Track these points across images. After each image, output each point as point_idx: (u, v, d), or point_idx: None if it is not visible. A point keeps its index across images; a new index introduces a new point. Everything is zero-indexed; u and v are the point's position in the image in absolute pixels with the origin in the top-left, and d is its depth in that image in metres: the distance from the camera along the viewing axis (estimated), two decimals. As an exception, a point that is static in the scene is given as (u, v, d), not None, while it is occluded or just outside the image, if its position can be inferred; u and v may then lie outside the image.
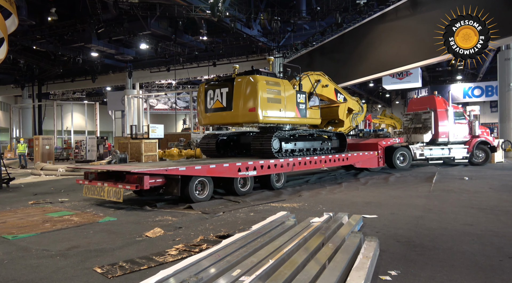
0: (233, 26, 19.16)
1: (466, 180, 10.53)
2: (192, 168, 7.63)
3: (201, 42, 25.01)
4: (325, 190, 9.32)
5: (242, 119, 9.15)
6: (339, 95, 12.90)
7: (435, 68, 35.99)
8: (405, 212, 6.41)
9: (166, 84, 38.67)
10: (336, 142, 12.01)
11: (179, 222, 6.04)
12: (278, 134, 9.71)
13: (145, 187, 7.05)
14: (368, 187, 9.69)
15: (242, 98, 9.04)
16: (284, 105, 9.62)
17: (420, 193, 8.57)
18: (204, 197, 7.92)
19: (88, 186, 7.96)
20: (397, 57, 17.44)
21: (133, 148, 16.48)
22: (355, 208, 6.86)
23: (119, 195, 7.23)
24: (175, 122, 41.45)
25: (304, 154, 10.59)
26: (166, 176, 7.56)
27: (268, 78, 9.37)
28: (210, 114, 9.76)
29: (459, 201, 7.44)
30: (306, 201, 7.70)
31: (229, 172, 8.33)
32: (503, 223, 5.55)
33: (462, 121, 15.18)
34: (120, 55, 27.31)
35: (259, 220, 5.60)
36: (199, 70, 30.59)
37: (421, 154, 14.64)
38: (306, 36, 24.26)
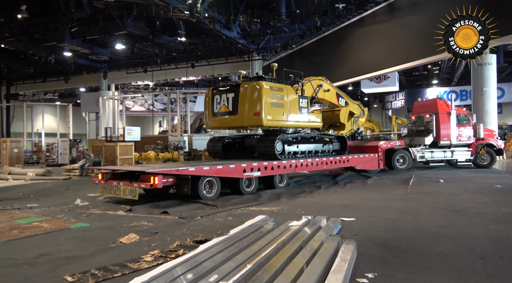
0: (212, 27, 19.12)
1: (441, 183, 10.85)
2: (201, 168, 8.34)
3: (179, 43, 24.82)
4: (304, 193, 9.40)
5: (247, 123, 9.77)
6: (341, 99, 13.33)
7: (412, 72, 37.06)
8: (382, 215, 6.55)
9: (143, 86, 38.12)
10: (337, 145, 12.52)
11: (155, 227, 5.95)
12: (281, 137, 10.25)
13: (159, 185, 7.76)
14: (347, 190, 9.83)
15: (247, 103, 9.67)
16: (287, 109, 10.24)
17: (397, 195, 8.78)
18: (212, 195, 8.58)
19: (104, 185, 8.52)
20: (375, 61, 17.87)
21: (107, 151, 16.14)
22: (333, 211, 6.95)
23: (134, 193, 7.92)
24: (152, 124, 40.87)
25: (306, 156, 11.13)
26: (177, 176, 8.24)
27: (272, 84, 9.98)
28: (216, 118, 10.39)
29: (434, 203, 7.66)
30: (285, 205, 7.74)
31: (235, 173, 8.97)
32: (476, 224, 5.75)
33: (466, 124, 15.43)
34: (94, 55, 26.76)
35: (238, 224, 5.59)
36: (177, 72, 30.33)
37: (421, 156, 14.96)
38: (285, 38, 24.52)
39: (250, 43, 25.98)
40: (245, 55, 27.37)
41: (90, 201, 8.76)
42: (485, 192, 9.00)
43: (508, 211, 6.71)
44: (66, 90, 38.31)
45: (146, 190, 9.25)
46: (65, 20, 18.90)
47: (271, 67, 11.19)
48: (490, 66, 20.68)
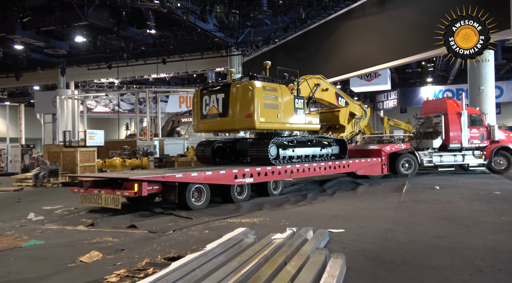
0: (185, 19, 19.07)
1: (437, 190, 11.12)
2: (189, 175, 8.53)
3: (148, 36, 24.62)
4: (289, 202, 9.45)
5: (239, 125, 9.97)
6: (341, 99, 13.56)
7: (405, 70, 37.91)
8: (373, 225, 6.66)
9: (107, 84, 37.55)
10: (337, 148, 12.75)
11: (121, 243, 5.86)
12: (275, 141, 10.42)
13: (143, 193, 7.91)
14: (335, 199, 9.96)
15: (238, 104, 9.86)
16: (282, 110, 10.41)
17: (390, 204, 8.95)
18: (201, 204, 8.81)
19: (84, 194, 8.71)
20: (365, 57, 18.19)
21: (66, 158, 15.80)
22: (321, 222, 7.02)
23: (117, 202, 8.04)
24: (118, 127, 40.31)
25: (302, 161, 11.35)
26: (163, 183, 8.45)
27: (265, 83, 10.18)
28: (205, 120, 10.61)
29: (429, 212, 7.85)
30: (267, 216, 7.77)
31: (226, 179, 9.20)
32: (474, 234, 5.92)
33: (478, 125, 15.63)
34: (51, 49, 26.21)
35: (215, 238, 5.57)
36: (147, 68, 30.06)
37: (429, 160, 15.22)
38: (267, 32, 24.68)
39: (228, 37, 26.03)
40: (223, 49, 27.39)
41: (45, 215, 8.54)
42: (483, 199, 9.28)
43: (508, 219, 6.94)
44: (18, 89, 37.23)
45: (129, 199, 9.26)
46: (16, 8, 18.43)
47: (265, 65, 11.43)
48: (488, 63, 21.37)
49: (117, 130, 41.27)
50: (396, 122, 27.91)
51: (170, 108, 40.04)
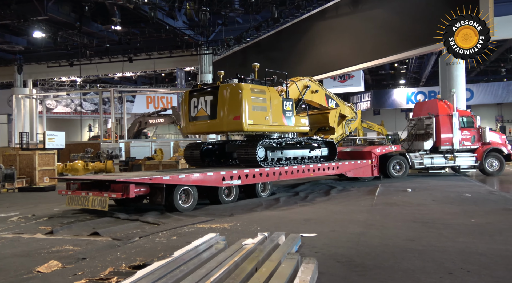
0: (153, 15, 18.84)
1: (409, 192, 11.46)
2: (176, 177, 8.90)
3: (113, 32, 24.15)
4: (261, 206, 9.51)
5: (227, 127, 10.35)
6: (331, 101, 13.97)
7: (378, 71, 38.90)
8: (346, 229, 6.79)
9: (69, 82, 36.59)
10: (326, 150, 13.15)
11: (82, 252, 5.72)
12: (263, 143, 10.80)
13: (131, 195, 8.24)
14: (308, 202, 10.07)
15: (226, 106, 10.21)
16: (270, 113, 10.76)
17: (362, 207, 9.14)
18: (189, 206, 9.13)
19: (71, 196, 8.98)
20: (338, 58, 18.53)
21: (23, 161, 15.27)
22: (293, 226, 7.09)
23: (104, 204, 8.37)
24: (80, 128, 39.34)
25: (291, 162, 11.71)
26: (150, 185, 8.75)
27: (253, 85, 10.55)
28: (194, 122, 10.94)
29: (401, 214, 8.07)
30: (239, 220, 7.78)
31: (213, 181, 9.55)
32: (445, 237, 6.14)
33: (470, 127, 16.11)
34: (6, 45, 25.31)
35: (183, 245, 5.52)
36: (111, 66, 29.53)
37: (420, 162, 15.64)
38: (239, 31, 24.74)
39: (199, 35, 25.91)
40: (193, 48, 27.24)
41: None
42: (454, 201, 9.63)
43: (477, 221, 7.24)
44: (-31, 87, 35.80)
45: (117, 201, 9.75)
46: (-33, 0, 17.72)
47: (253, 67, 11.69)
48: (459, 65, 22.22)
49: (79, 132, 40.27)
50: (369, 124, 28.47)
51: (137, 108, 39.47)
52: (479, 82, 40.90)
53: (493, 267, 4.65)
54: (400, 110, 45.04)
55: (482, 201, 9.67)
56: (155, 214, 8.62)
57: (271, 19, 21.10)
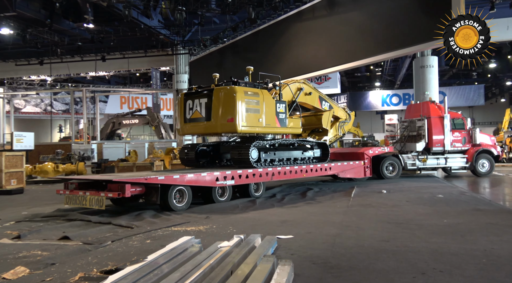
0: (127, 13, 18.60)
1: (384, 194, 11.69)
2: (171, 177, 9.26)
3: (86, 30, 23.72)
4: (238, 208, 9.53)
5: (221, 129, 10.73)
6: (324, 103, 14.37)
7: (354, 74, 39.55)
8: (322, 231, 6.86)
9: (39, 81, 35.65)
10: (318, 152, 13.52)
11: (51, 257, 5.58)
12: (256, 144, 11.14)
13: (127, 195, 8.59)
14: (284, 204, 10.14)
15: (220, 109, 10.59)
16: (263, 115, 11.17)
17: (338, 208, 9.27)
18: (183, 205, 9.49)
19: (69, 195, 9.32)
20: (315, 60, 18.73)
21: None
22: (269, 228, 7.11)
23: (101, 203, 8.73)
24: (50, 129, 38.39)
25: (284, 163, 12.09)
26: (146, 185, 9.10)
27: (247, 88, 10.95)
28: (189, 124, 11.32)
29: (376, 216, 8.22)
30: (214, 223, 7.76)
31: (207, 182, 9.91)
32: (418, 237, 6.28)
33: (460, 129, 16.63)
34: (-29, 41, 24.44)
35: (157, 248, 5.46)
36: (84, 65, 28.95)
37: (412, 163, 16.12)
38: (216, 31, 24.71)
39: (174, 35, 25.73)
40: (168, 48, 27.03)
41: (-37, 228, 7.92)
42: (427, 202, 9.88)
43: (449, 222, 7.44)
44: None
45: (114, 201, 10.23)
46: None
47: (247, 70, 12.03)
48: (432, 68, 22.92)
49: (50, 133, 39.27)
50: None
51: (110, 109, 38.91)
52: (451, 85, 42.11)
53: (464, 266, 4.79)
54: (375, 112, 45.95)
55: (454, 202, 9.95)
56: (128, 217, 8.50)
57: (248, 19, 21.17)
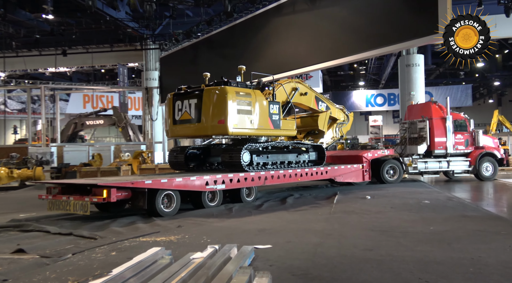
0: (91, 4, 18.31)
1: (368, 199, 11.87)
2: (158, 181, 9.49)
3: (44, 21, 23.21)
4: (212, 216, 9.52)
5: (211, 131, 11.03)
6: (321, 103, 14.71)
7: (337, 72, 40.03)
8: (302, 239, 6.91)
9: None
10: (314, 155, 13.83)
11: (3, 272, 5.42)
12: (248, 147, 11.40)
13: (112, 199, 8.78)
14: (262, 211, 10.18)
15: (211, 110, 10.86)
16: (256, 116, 11.45)
17: (320, 216, 9.36)
18: (171, 210, 9.78)
19: (52, 200, 9.51)
20: (296, 57, 18.85)
21: None
22: (246, 237, 7.13)
23: (86, 208, 8.90)
24: (4, 130, 37.46)
25: (278, 167, 12.40)
26: (132, 189, 9.34)
27: (239, 88, 11.23)
28: (178, 126, 11.60)
29: (360, 223, 8.34)
30: (187, 232, 7.71)
31: (197, 186, 10.19)
32: (403, 246, 6.40)
33: (463, 131, 16.91)
34: None
35: (124, 261, 5.39)
36: (42, 60, 28.40)
37: (414, 167, 16.39)
38: (189, 24, 24.61)
39: (143, 28, 25.50)
40: (137, 42, 26.78)
41: None
42: (413, 208, 10.09)
43: (436, 229, 7.61)
44: None
45: (99, 206, 10.35)
46: None
47: (239, 70, 12.27)
48: (418, 67, 23.44)
49: (3, 134, 38.31)
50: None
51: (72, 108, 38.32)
52: (438, 84, 43.15)
53: (451, 276, 4.91)
54: (359, 113, 46.57)
55: (441, 208, 10.19)
56: (92, 227, 8.37)
57: (223, 13, 21.15)
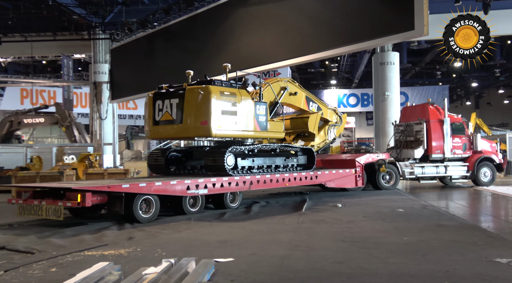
0: (32, -14, 17.81)
1: (339, 208, 12.11)
2: (136, 185, 9.81)
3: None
4: (169, 227, 9.45)
5: (194, 133, 11.43)
6: (312, 104, 15.14)
7: (307, 69, 40.54)
8: (268, 252, 6.95)
9: None
10: (303, 158, 14.24)
11: None
12: (233, 149, 11.77)
13: (87, 204, 9.04)
14: (225, 221, 10.20)
15: (193, 110, 11.20)
16: (241, 117, 11.81)
17: (287, 226, 9.44)
18: (150, 216, 10.10)
19: (23, 205, 9.76)
20: (263, 52, 18.91)
21: None
22: (206, 250, 7.11)
23: (59, 213, 9.16)
24: None
25: (264, 171, 12.80)
26: (108, 194, 9.60)
27: (223, 88, 11.60)
28: (159, 127, 11.92)
29: (330, 233, 8.47)
30: (139, 245, 7.61)
31: (177, 191, 10.48)
32: (375, 258, 6.55)
33: (461, 134, 17.37)
34: None
35: (65, 278, 5.26)
36: (-29, 49, 27.31)
37: (411, 172, 16.76)
38: (144, 13, 24.33)
39: (92, 15, 25.02)
40: (84, 31, 26.21)
41: None
42: (387, 218, 10.34)
43: (409, 239, 7.82)
44: None
45: (73, 212, 10.60)
46: None
47: (223, 68, 12.66)
48: (393, 66, 24.04)
49: None
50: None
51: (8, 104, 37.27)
52: (414, 85, 44.44)
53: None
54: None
55: (416, 216, 10.50)
56: (29, 240, 8.12)
57: (183, 1, 21.02)
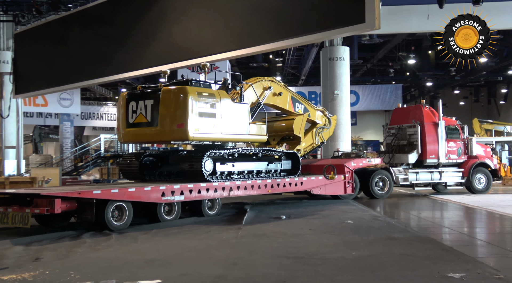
0: None
1: (283, 220, 12.31)
2: (108, 191, 10.44)
3: None
4: (84, 245, 9.20)
5: (170, 136, 11.98)
6: (298, 105, 15.78)
7: (249, 63, 40.78)
8: (202, 271, 6.96)
9: None
10: (288, 163, 14.86)
11: None
12: (211, 154, 12.31)
13: (56, 211, 9.53)
14: (152, 237, 10.08)
15: (169, 112, 11.70)
16: (220, 120, 12.35)
17: (225, 240, 9.48)
18: (122, 224, 10.67)
19: None
20: (198, 43, 18.75)
21: None
22: (129, 270, 7.00)
23: (26, 220, 9.70)
24: None
25: (245, 177, 13.41)
26: (78, 200, 10.12)
27: (201, 89, 12.14)
28: (132, 130, 12.38)
29: (272, 249, 8.59)
30: (48, 266, 7.36)
31: (152, 197, 11.06)
32: (321, 275, 6.71)
33: (455, 138, 17.90)
34: None
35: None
36: None
37: (404, 178, 17.21)
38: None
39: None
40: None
41: None
42: (335, 230, 10.65)
43: (359, 254, 8.07)
44: None
45: (40, 220, 11.16)
46: None
47: (202, 67, 13.22)
48: (343, 62, 24.61)
49: None
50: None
51: None
52: (365, 83, 45.64)
53: (374, 309, 5.24)
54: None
55: (365, 228, 10.89)
56: None
57: (105, -20, 20.57)
